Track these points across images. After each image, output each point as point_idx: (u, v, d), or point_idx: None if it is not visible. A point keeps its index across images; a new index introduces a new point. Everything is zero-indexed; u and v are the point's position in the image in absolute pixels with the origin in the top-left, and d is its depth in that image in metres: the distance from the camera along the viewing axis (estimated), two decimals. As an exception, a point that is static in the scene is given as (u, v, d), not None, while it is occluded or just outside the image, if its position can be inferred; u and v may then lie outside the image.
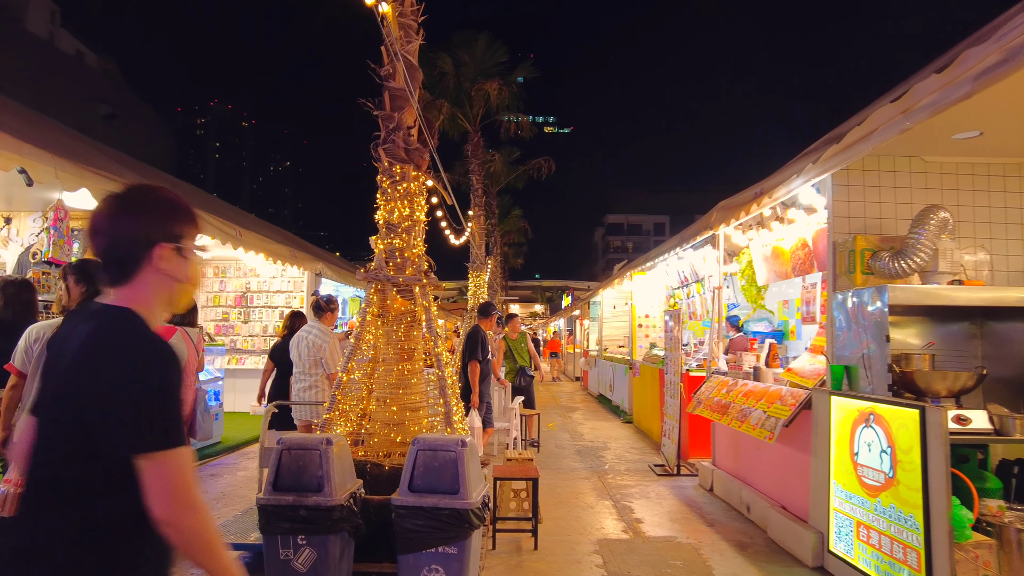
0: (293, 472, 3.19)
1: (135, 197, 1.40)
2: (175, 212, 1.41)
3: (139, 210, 1.38)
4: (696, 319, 9.40)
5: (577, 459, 7.82)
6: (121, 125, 30.25)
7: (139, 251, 1.36)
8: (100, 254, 1.37)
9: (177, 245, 1.39)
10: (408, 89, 4.24)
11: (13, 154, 4.21)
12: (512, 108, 14.71)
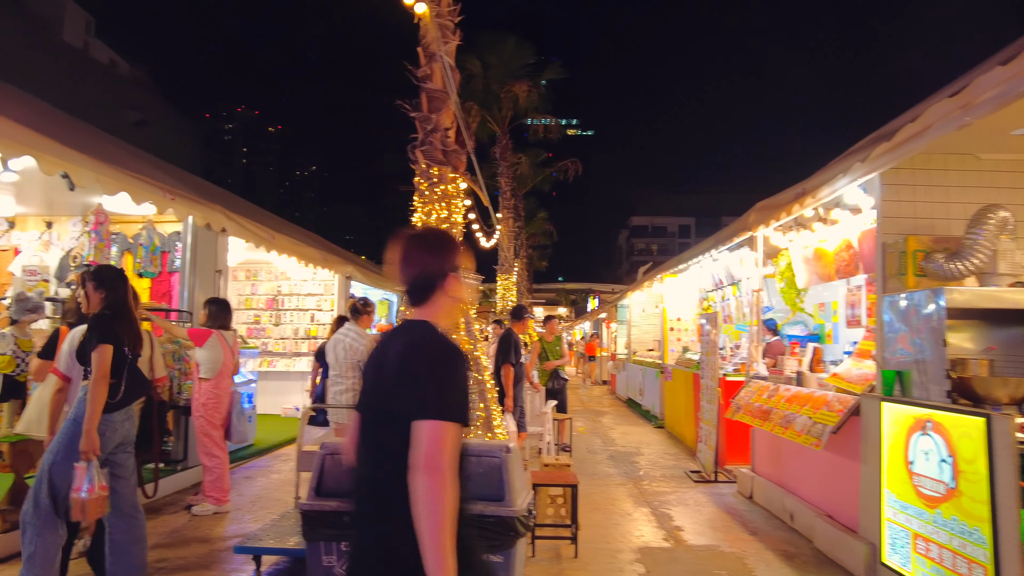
0: (335, 477, 3.15)
1: (434, 238, 1.82)
2: (458, 249, 1.79)
3: (438, 249, 1.76)
4: (730, 322, 9.24)
5: (610, 464, 7.72)
6: (151, 131, 30.80)
7: (437, 280, 1.74)
8: (408, 282, 1.76)
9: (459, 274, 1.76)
10: (446, 90, 4.20)
11: (57, 159, 4.25)
12: (540, 110, 14.64)
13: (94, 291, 3.47)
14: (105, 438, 3.33)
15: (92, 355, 3.25)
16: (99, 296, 3.45)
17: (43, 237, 6.97)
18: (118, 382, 3.37)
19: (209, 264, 6.80)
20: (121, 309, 3.48)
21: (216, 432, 5.41)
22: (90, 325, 3.35)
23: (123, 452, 3.52)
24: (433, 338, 1.71)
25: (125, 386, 3.42)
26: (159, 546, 4.51)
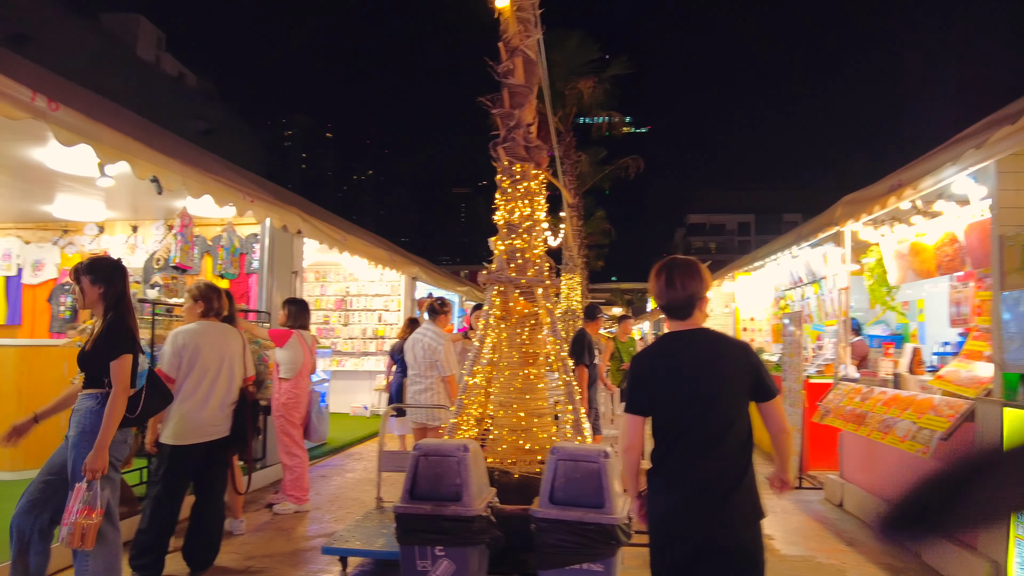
0: (430, 479, 3.10)
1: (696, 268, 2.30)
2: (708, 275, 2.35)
3: (699, 277, 2.27)
4: (808, 322, 8.85)
5: (685, 468, 7.48)
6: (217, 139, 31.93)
7: (697, 300, 2.26)
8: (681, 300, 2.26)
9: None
10: (528, 85, 4.11)
11: (149, 163, 4.37)
12: (605, 106, 14.42)
13: (91, 285, 3.17)
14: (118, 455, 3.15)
15: (111, 366, 3.03)
16: (97, 291, 3.17)
17: (129, 241, 7.23)
18: (136, 395, 3.14)
19: (286, 265, 6.92)
20: (127, 308, 3.21)
21: (296, 431, 5.46)
22: (103, 331, 3.11)
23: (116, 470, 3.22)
24: (735, 340, 2.46)
25: (145, 398, 3.20)
26: (246, 544, 4.57)
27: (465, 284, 14.81)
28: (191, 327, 3.83)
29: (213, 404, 3.77)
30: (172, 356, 3.68)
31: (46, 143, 4.58)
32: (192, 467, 3.73)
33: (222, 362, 3.83)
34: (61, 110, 3.65)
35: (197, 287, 3.97)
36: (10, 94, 3.37)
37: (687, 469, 2.18)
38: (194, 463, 3.72)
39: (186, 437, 3.67)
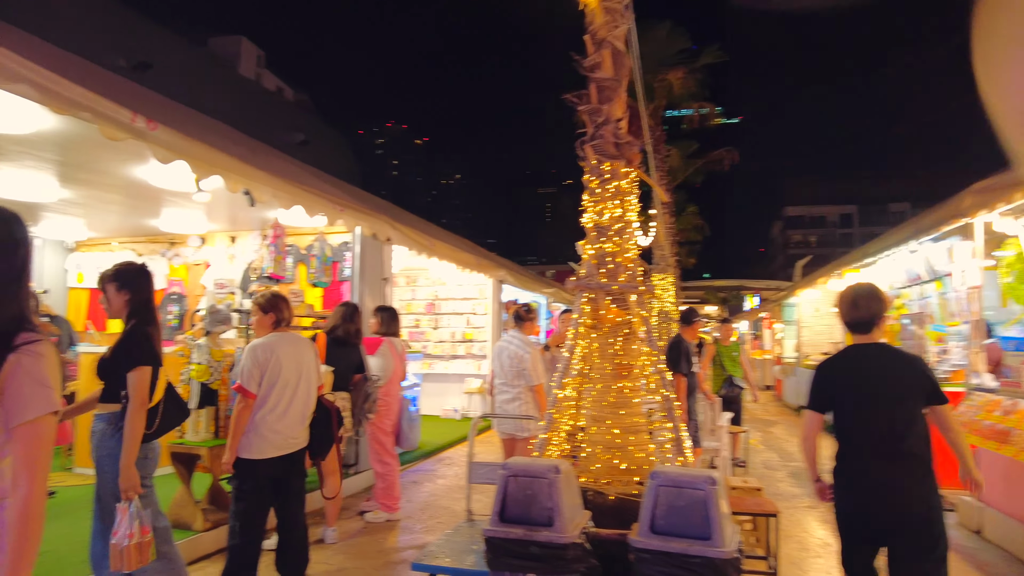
0: (520, 502, 2.92)
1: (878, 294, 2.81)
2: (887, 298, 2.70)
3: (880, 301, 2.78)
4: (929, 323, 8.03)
5: (793, 483, 6.95)
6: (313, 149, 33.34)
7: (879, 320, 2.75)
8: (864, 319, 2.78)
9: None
10: (617, 77, 3.85)
11: (240, 176, 4.46)
12: (696, 97, 13.81)
13: (116, 292, 3.08)
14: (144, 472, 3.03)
15: (129, 377, 2.92)
16: (122, 298, 3.08)
17: (228, 251, 7.53)
18: (153, 409, 3.04)
19: (376, 272, 6.98)
20: (150, 315, 3.12)
21: (387, 439, 5.45)
22: (122, 339, 3.03)
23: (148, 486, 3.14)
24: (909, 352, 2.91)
25: (163, 414, 3.11)
26: (337, 554, 4.57)
27: (552, 285, 14.61)
28: (268, 340, 3.69)
29: (293, 416, 3.69)
30: (253, 370, 3.55)
31: (148, 161, 4.77)
32: (273, 480, 3.65)
33: (300, 373, 3.74)
34: (159, 129, 3.76)
35: (264, 297, 3.81)
36: (112, 116, 3.49)
37: (873, 465, 2.63)
38: (274, 476, 3.64)
39: (267, 451, 3.59)
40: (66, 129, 4.19)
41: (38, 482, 1.49)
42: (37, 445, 1.50)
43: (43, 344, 1.56)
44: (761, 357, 19.71)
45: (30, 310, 1.64)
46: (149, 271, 3.22)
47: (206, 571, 4.17)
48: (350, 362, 4.84)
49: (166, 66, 21.43)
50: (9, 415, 1.48)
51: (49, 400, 1.52)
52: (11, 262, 1.59)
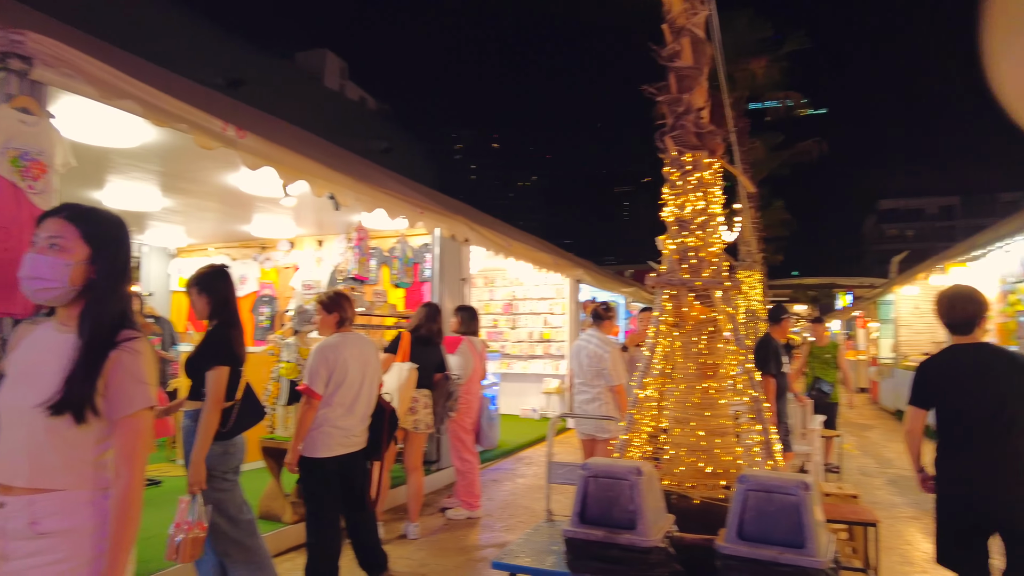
0: (601, 503, 2.85)
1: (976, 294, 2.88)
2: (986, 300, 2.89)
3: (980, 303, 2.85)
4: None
5: (893, 491, 6.52)
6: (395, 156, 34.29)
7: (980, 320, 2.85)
8: (962, 320, 2.86)
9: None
10: (698, 66, 3.72)
11: (324, 181, 4.61)
12: (780, 86, 13.21)
13: (198, 296, 3.17)
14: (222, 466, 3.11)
15: (207, 376, 2.99)
16: (204, 301, 3.16)
17: (315, 254, 7.83)
18: (228, 409, 3.07)
19: (455, 273, 7.06)
20: (231, 316, 3.17)
21: (467, 436, 5.50)
22: (204, 341, 3.12)
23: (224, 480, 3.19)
24: (1011, 350, 3.06)
25: (238, 414, 3.13)
26: (419, 550, 4.64)
27: (630, 284, 14.35)
28: (335, 340, 3.69)
29: (357, 415, 3.70)
30: (320, 371, 3.56)
31: (239, 169, 5.01)
32: (335, 480, 3.64)
33: (364, 373, 3.76)
34: (247, 137, 3.93)
35: (327, 297, 3.82)
36: (205, 126, 3.68)
37: (976, 458, 2.75)
38: (335, 476, 3.64)
39: (333, 449, 3.60)
40: (166, 141, 4.45)
41: (136, 473, 1.58)
42: (134, 438, 1.60)
43: (141, 341, 1.65)
44: (855, 358, 18.63)
45: (131, 309, 1.74)
46: (226, 272, 3.28)
47: (295, 562, 4.32)
48: (432, 360, 4.90)
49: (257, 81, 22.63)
50: (111, 409, 1.59)
51: (145, 396, 1.61)
52: (113, 263, 1.68)
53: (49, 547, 1.52)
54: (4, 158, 2.82)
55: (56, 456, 1.56)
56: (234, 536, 3.14)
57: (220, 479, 3.10)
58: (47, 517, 1.53)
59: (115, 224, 1.74)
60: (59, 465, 1.56)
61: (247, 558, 3.17)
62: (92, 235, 1.66)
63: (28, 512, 1.53)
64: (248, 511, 3.27)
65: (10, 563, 1.53)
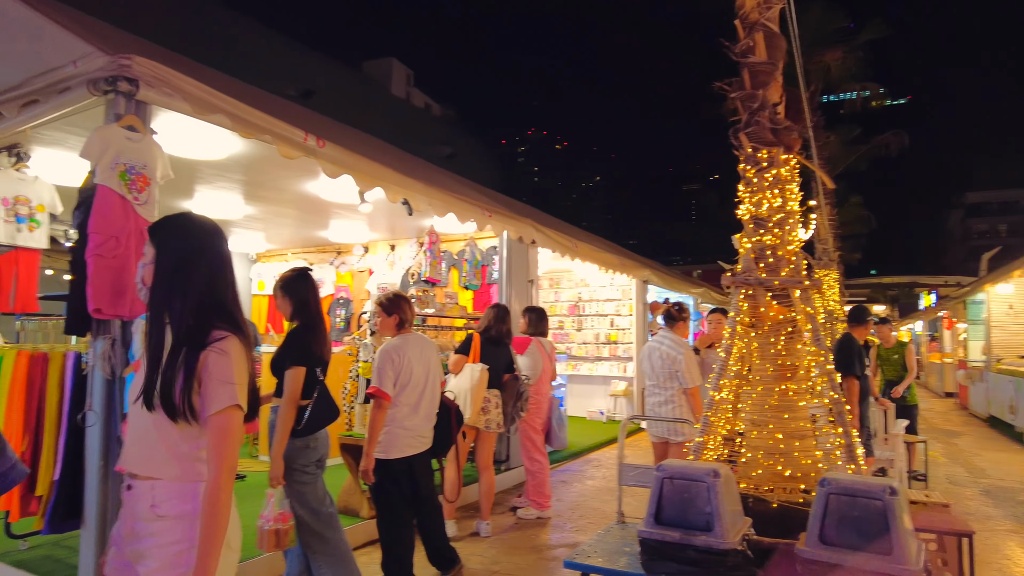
0: (676, 505, 2.84)
1: None
2: None
3: None
4: None
5: (988, 502, 6.16)
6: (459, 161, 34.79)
7: None
8: None
9: None
10: (772, 60, 3.65)
11: (399, 187, 4.75)
12: (857, 77, 12.63)
13: (283, 298, 3.31)
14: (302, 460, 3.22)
15: (285, 375, 3.12)
16: (288, 304, 3.29)
17: (388, 258, 8.07)
18: (303, 407, 3.17)
19: (522, 274, 7.14)
20: (311, 317, 3.27)
21: (537, 436, 5.55)
22: (284, 341, 3.24)
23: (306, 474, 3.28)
24: None
25: (311, 412, 3.20)
26: (491, 548, 4.71)
27: (700, 285, 14.08)
28: (398, 342, 3.75)
29: (422, 414, 3.76)
30: (388, 372, 3.64)
31: (318, 177, 5.24)
32: (404, 479, 3.71)
33: (428, 372, 3.81)
34: (327, 146, 4.11)
35: (387, 298, 3.88)
36: (289, 136, 3.86)
37: None
38: (404, 476, 3.71)
39: (402, 450, 3.68)
40: (250, 152, 4.70)
41: (224, 468, 1.64)
42: (221, 435, 1.66)
43: (228, 341, 1.70)
44: (940, 361, 17.61)
45: (227, 308, 1.79)
46: (308, 275, 3.38)
47: (371, 556, 4.46)
48: (502, 361, 4.97)
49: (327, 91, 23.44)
50: (202, 407, 1.67)
51: (231, 395, 1.67)
52: (172, 259, 1.76)
53: (167, 529, 1.66)
54: (114, 172, 3.06)
55: (162, 448, 1.68)
56: (315, 528, 3.26)
57: (300, 472, 3.22)
58: (164, 502, 1.67)
59: (178, 224, 1.83)
60: (165, 457, 1.68)
61: (327, 550, 3.28)
62: (155, 235, 1.79)
63: (150, 495, 1.68)
64: (330, 504, 3.39)
65: (140, 541, 1.68)
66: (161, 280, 1.74)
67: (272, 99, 5.44)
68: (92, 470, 3.17)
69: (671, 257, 66.48)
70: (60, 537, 3.93)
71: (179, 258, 1.76)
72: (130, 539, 1.70)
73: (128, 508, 1.72)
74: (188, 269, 1.74)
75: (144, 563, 1.67)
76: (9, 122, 3.69)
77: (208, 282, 1.76)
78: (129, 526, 1.70)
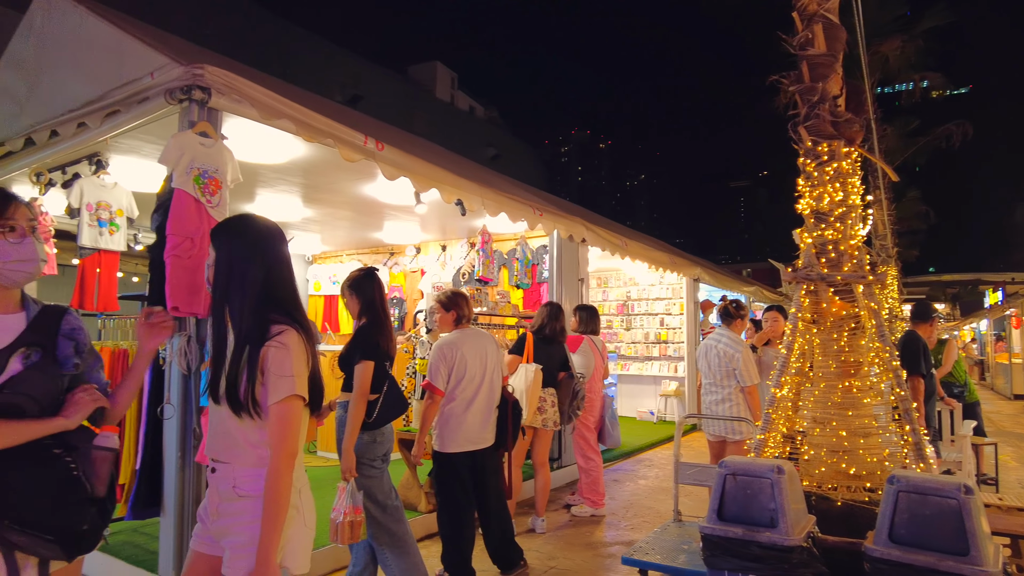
0: (739, 501, 2.82)
1: None
2: None
3: None
4: None
5: (1065, 507, 5.86)
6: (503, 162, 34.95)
7: None
8: None
9: None
10: (832, 52, 3.59)
11: (453, 188, 4.84)
12: (917, 67, 12.14)
13: (350, 297, 3.38)
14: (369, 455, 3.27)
15: (355, 369, 3.19)
16: (356, 302, 3.36)
17: (440, 258, 8.19)
18: (374, 401, 3.23)
19: (572, 273, 7.15)
20: (377, 315, 3.33)
21: (591, 434, 5.55)
22: (353, 338, 3.32)
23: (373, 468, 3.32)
24: None
25: (381, 406, 3.25)
26: (547, 544, 4.75)
27: (751, 284, 13.81)
28: (453, 337, 3.86)
29: (479, 409, 3.80)
30: (440, 367, 3.74)
31: (375, 179, 5.37)
32: (465, 474, 3.77)
33: (484, 367, 3.84)
34: (386, 149, 4.22)
35: (445, 295, 3.98)
36: (350, 140, 3.98)
37: None
38: (466, 470, 3.76)
39: (461, 444, 3.74)
40: (310, 155, 4.86)
41: (283, 454, 1.73)
42: (281, 424, 1.74)
43: (287, 334, 1.77)
44: (1008, 361, 16.82)
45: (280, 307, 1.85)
46: (374, 274, 3.47)
47: (429, 549, 4.55)
48: (556, 359, 5.00)
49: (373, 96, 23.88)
50: (264, 398, 1.77)
51: (289, 386, 1.74)
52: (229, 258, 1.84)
53: (248, 508, 1.78)
54: (189, 177, 3.22)
55: (236, 437, 1.81)
56: (381, 521, 3.33)
57: (368, 466, 3.30)
58: (244, 483, 1.80)
59: (234, 226, 1.93)
60: (240, 444, 1.81)
61: (393, 542, 3.35)
62: (214, 238, 1.89)
63: (231, 477, 1.81)
64: (396, 498, 3.46)
65: (223, 519, 1.82)
66: (220, 280, 1.84)
67: (330, 104, 5.61)
68: (171, 460, 3.34)
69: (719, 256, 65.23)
70: (140, 524, 4.14)
71: (236, 258, 1.84)
72: (215, 516, 1.83)
73: (213, 488, 1.85)
74: (244, 268, 1.82)
75: (228, 539, 1.80)
76: (93, 132, 3.92)
77: (265, 280, 1.83)
78: (215, 505, 1.83)
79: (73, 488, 1.64)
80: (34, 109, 4.54)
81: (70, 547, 1.63)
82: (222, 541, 1.82)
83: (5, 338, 1.66)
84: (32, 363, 1.67)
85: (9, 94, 4.97)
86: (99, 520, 1.72)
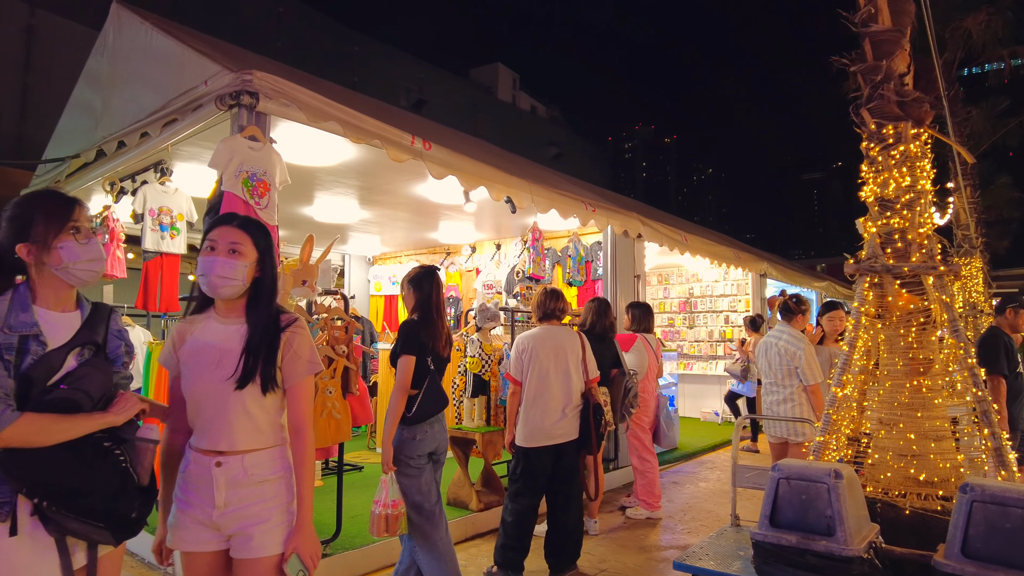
0: (794, 507, 2.67)
1: None
2: None
3: None
4: None
5: None
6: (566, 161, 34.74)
7: None
8: None
9: None
10: (898, 27, 3.35)
11: (502, 185, 4.81)
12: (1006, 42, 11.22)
13: (409, 292, 3.38)
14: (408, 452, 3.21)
15: (397, 363, 3.17)
16: (413, 297, 3.35)
17: (494, 257, 8.19)
18: (414, 396, 3.20)
19: (628, 270, 7.01)
20: (428, 312, 3.31)
21: (645, 435, 5.41)
22: (398, 332, 3.30)
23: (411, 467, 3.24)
24: None
25: (420, 401, 3.20)
26: (599, 546, 4.65)
27: (823, 279, 13.18)
28: (530, 331, 3.98)
29: (553, 407, 3.80)
30: (515, 361, 3.87)
31: (425, 179, 5.40)
32: (542, 469, 3.79)
33: (559, 365, 3.84)
34: (432, 148, 4.23)
35: (536, 294, 4.14)
36: (397, 140, 4.02)
37: None
38: (544, 466, 3.78)
39: (536, 439, 3.77)
40: (362, 157, 4.93)
41: (311, 427, 1.98)
42: (302, 400, 1.98)
43: (301, 322, 2.02)
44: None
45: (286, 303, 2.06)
46: (435, 272, 3.47)
47: (479, 548, 4.54)
48: (607, 356, 4.90)
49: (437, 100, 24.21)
50: (285, 379, 1.96)
51: (310, 365, 1.99)
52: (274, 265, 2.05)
53: (265, 492, 1.90)
54: (238, 180, 3.32)
55: (250, 422, 1.89)
56: (415, 521, 3.21)
57: (405, 464, 3.20)
58: (257, 468, 1.90)
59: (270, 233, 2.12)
60: (253, 428, 1.90)
61: (426, 546, 3.22)
62: (259, 241, 1.99)
63: (242, 465, 1.88)
64: (436, 501, 3.29)
65: (246, 507, 1.87)
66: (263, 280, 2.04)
67: (380, 105, 5.69)
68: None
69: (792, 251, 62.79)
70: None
71: (275, 262, 2.09)
72: (231, 506, 1.86)
73: (220, 481, 1.87)
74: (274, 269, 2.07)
75: (247, 523, 1.87)
76: (154, 140, 4.11)
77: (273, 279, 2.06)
78: (224, 497, 1.86)
79: (122, 478, 1.72)
80: (107, 122, 4.82)
81: (119, 532, 1.73)
82: (235, 528, 1.86)
83: (64, 335, 1.74)
84: (87, 360, 1.75)
85: (87, 109, 5.29)
86: (144, 507, 1.79)
